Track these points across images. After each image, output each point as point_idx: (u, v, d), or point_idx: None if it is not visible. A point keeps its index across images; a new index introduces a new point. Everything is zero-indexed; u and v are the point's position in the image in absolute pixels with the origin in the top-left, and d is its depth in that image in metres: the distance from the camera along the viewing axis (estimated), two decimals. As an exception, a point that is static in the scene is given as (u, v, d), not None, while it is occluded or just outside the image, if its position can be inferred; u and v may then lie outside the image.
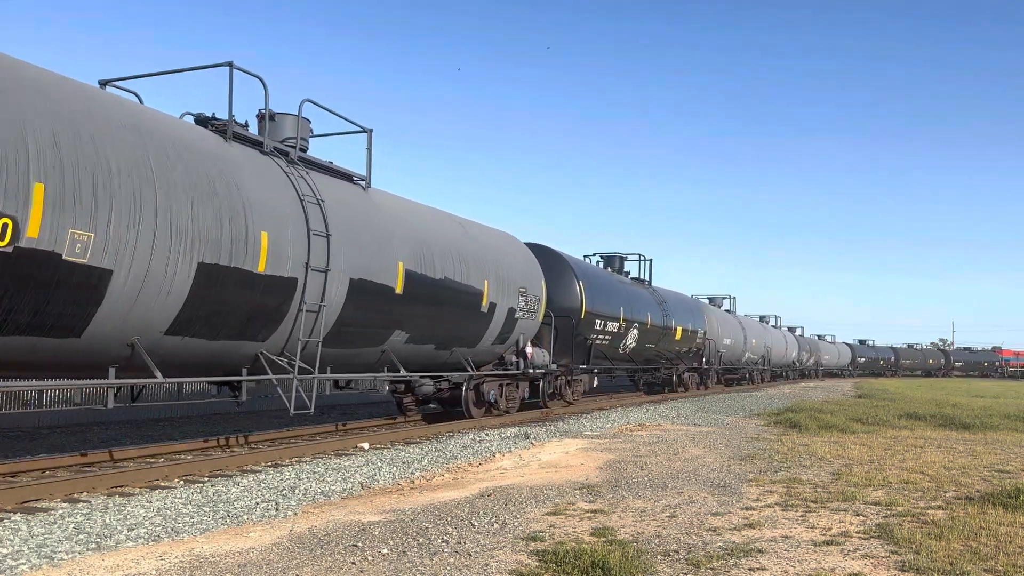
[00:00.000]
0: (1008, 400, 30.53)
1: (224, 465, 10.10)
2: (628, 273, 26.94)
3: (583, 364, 20.98)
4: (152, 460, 10.62)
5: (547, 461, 10.96)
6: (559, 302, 19.47)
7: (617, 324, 22.39)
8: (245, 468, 10.11)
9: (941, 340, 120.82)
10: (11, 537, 6.22)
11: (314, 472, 9.60)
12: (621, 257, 26.44)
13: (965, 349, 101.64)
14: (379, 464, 10.34)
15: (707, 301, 39.35)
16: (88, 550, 5.93)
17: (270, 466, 10.28)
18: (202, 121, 10.55)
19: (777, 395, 32.01)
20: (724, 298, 43.17)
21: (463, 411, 16.24)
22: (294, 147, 11.52)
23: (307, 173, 11.29)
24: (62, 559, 5.67)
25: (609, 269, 25.63)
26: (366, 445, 12.28)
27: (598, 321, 21.21)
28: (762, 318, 53.16)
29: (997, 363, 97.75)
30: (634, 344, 24.20)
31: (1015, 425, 17.68)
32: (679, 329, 28.41)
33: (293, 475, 9.38)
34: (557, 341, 19.16)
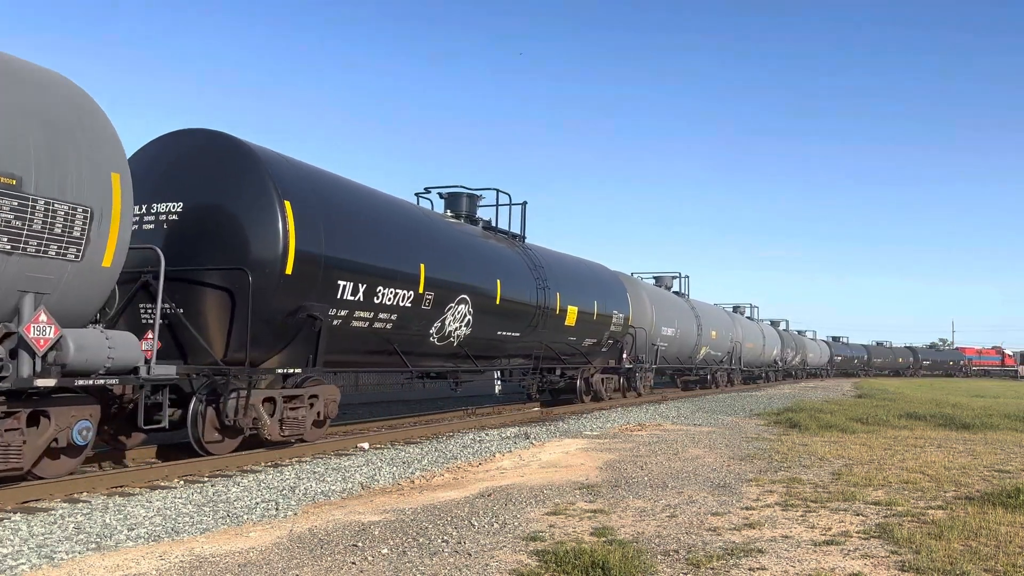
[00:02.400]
0: (1008, 400, 30.53)
1: (224, 465, 10.10)
2: (491, 223, 17.44)
3: (303, 365, 11.06)
4: (152, 460, 10.61)
5: (547, 461, 10.97)
6: (230, 238, 10.10)
7: (409, 293, 12.60)
8: (245, 468, 10.11)
9: (941, 340, 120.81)
10: (11, 537, 6.23)
11: (314, 472, 9.60)
12: (471, 195, 16.76)
13: (931, 347, 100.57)
14: (379, 464, 10.35)
15: (652, 282, 30.78)
16: (88, 550, 5.94)
17: (270, 466, 10.28)
18: None
19: (777, 395, 32.01)
20: (673, 277, 32.45)
21: None
22: None
23: None
24: (62, 559, 5.68)
25: (449, 213, 16.40)
26: (366, 445, 12.28)
27: (345, 283, 11.18)
28: (736, 308, 44.89)
29: (962, 362, 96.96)
30: (468, 330, 14.59)
31: (1015, 425, 17.68)
32: (572, 311, 18.98)
33: (293, 475, 9.38)
34: (236, 318, 10.05)
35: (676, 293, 32.23)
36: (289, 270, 10.27)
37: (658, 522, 7.11)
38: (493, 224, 17.57)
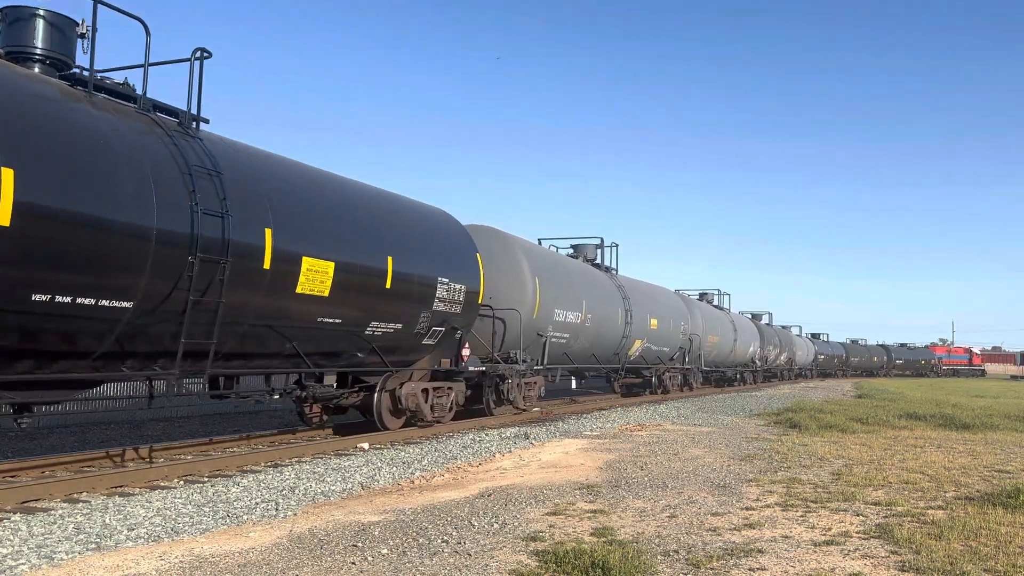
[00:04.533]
0: (1008, 400, 30.54)
1: (224, 465, 10.10)
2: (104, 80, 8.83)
3: None
4: (152, 460, 10.62)
5: (547, 461, 10.96)
6: None
7: None
8: (245, 468, 10.11)
9: (941, 340, 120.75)
10: (11, 537, 6.22)
11: (314, 472, 9.60)
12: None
13: (902, 345, 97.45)
14: (379, 464, 10.34)
15: (568, 251, 23.20)
16: (88, 550, 5.94)
17: (270, 466, 10.28)
18: None
19: (777, 395, 32.01)
20: (598, 245, 23.73)
21: None
22: None
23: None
24: (62, 559, 5.68)
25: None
26: (366, 445, 12.28)
27: None
28: (702, 295, 37.87)
29: (932, 361, 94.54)
30: None
31: (1015, 425, 17.69)
32: (319, 268, 10.58)
33: (293, 475, 9.38)
34: None
35: (595, 265, 23.30)
36: None
37: (658, 522, 7.11)
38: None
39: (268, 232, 9.87)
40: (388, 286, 12.14)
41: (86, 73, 8.69)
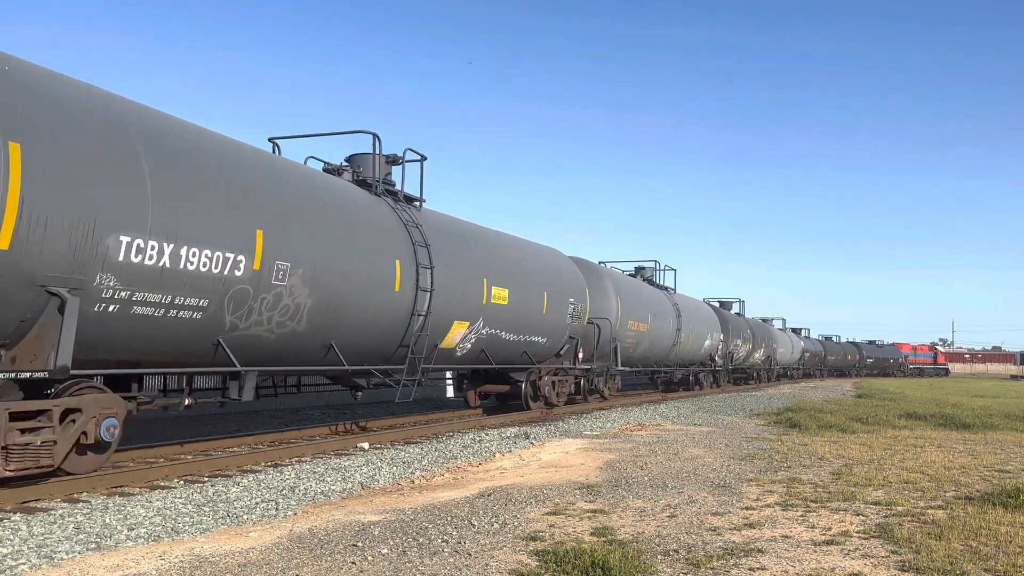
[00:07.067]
0: (1008, 400, 30.52)
1: (224, 465, 10.10)
2: None
3: None
4: (152, 460, 10.62)
5: (547, 461, 10.97)
6: None
7: None
8: (245, 468, 10.12)
9: (941, 340, 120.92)
10: (11, 537, 6.23)
11: (314, 472, 9.60)
12: None
13: (871, 343, 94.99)
14: (379, 464, 10.35)
15: (340, 164, 13.06)
16: (88, 550, 5.94)
17: (270, 466, 10.29)
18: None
19: (777, 395, 32.01)
20: (388, 158, 13.38)
21: None
22: None
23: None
24: (62, 559, 5.68)
25: None
26: (366, 445, 12.28)
27: None
28: (639, 270, 28.29)
29: (900, 359, 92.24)
30: None
31: (1015, 425, 17.67)
32: None
33: (293, 475, 9.38)
34: None
35: (363, 184, 12.87)
36: None
37: (658, 522, 7.11)
38: None
39: None
40: None
41: None
